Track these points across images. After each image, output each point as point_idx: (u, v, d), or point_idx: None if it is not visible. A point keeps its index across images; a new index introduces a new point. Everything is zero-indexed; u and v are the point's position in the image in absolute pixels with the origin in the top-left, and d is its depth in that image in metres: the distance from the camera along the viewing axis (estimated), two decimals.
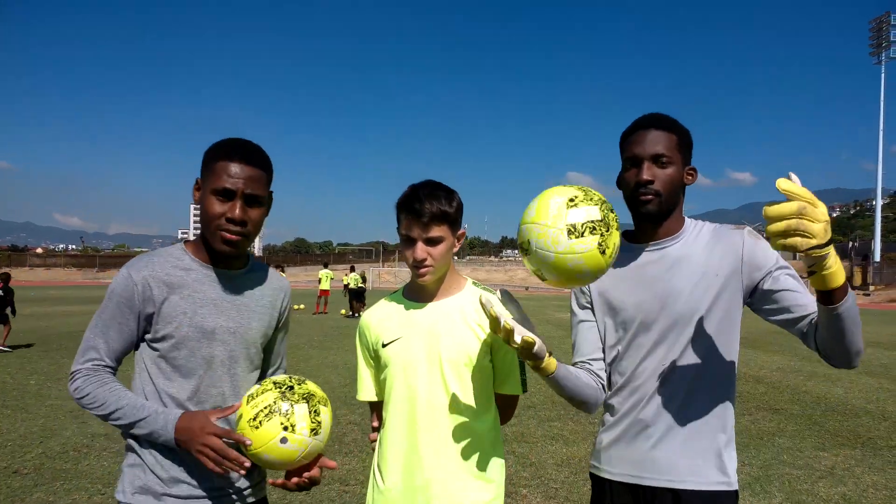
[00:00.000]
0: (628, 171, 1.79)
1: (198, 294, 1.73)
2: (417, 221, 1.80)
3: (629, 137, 1.80)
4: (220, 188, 1.67)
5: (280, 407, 1.58)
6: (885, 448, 5.91)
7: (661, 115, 1.80)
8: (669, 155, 1.74)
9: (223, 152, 1.70)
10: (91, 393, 1.65)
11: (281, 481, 1.75)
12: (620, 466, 1.81)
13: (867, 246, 64.17)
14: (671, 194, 1.76)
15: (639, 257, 1.83)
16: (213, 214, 1.68)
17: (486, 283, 2.04)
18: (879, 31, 66.59)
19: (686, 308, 1.73)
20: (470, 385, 1.87)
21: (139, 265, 1.72)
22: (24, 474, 4.74)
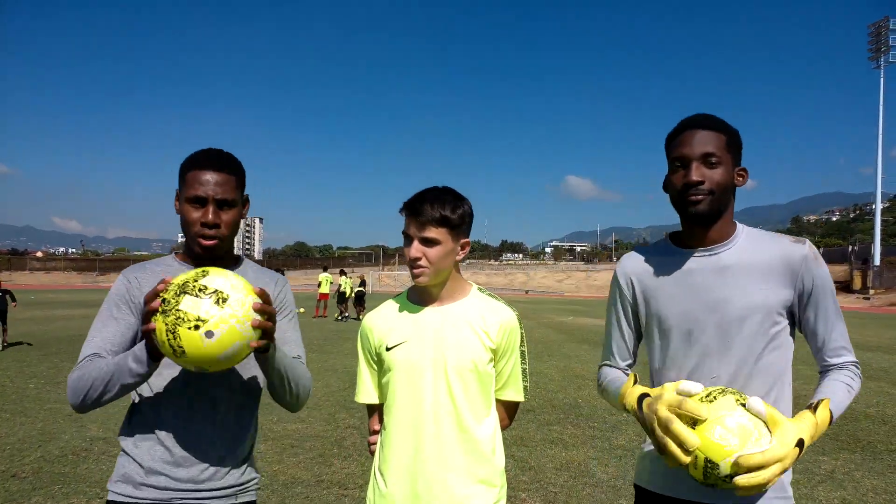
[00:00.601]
0: (676, 173, 1.71)
1: None
2: (415, 220, 1.83)
3: (676, 138, 1.72)
4: (192, 196, 1.76)
5: (185, 312, 1.47)
6: (885, 452, 5.91)
7: (709, 115, 1.73)
8: (719, 155, 1.66)
9: (193, 163, 1.80)
10: (79, 378, 1.65)
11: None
12: (667, 480, 1.73)
13: (867, 249, 64.19)
14: (722, 195, 1.67)
15: (686, 263, 1.74)
16: (190, 221, 1.77)
17: (486, 287, 2.04)
18: (878, 35, 66.72)
19: (736, 317, 1.65)
20: (474, 390, 1.87)
21: (132, 268, 1.87)
22: (22, 478, 4.73)
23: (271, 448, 5.63)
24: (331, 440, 5.95)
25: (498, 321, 1.90)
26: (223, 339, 1.47)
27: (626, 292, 1.86)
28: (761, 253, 1.69)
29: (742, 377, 1.67)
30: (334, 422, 6.67)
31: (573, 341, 15.89)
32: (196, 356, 1.47)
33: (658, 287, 1.77)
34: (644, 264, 1.83)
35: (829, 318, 1.69)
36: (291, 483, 4.75)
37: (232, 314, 1.48)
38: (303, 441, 5.89)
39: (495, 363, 1.92)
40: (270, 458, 5.35)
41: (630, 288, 1.85)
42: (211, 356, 1.48)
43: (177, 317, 1.45)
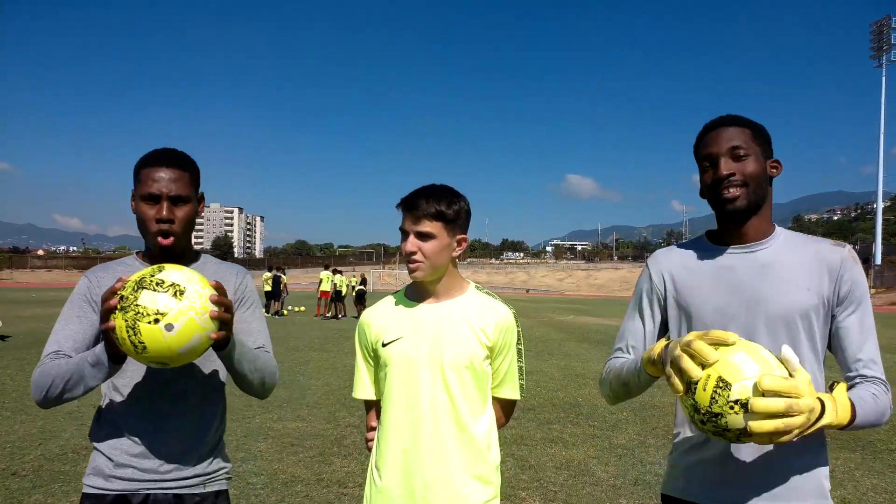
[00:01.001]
0: (706, 173, 1.68)
1: None
2: (411, 215, 1.86)
3: (702, 140, 1.70)
4: (146, 193, 1.80)
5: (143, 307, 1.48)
6: (885, 451, 5.91)
7: (732, 114, 1.71)
8: (745, 147, 1.63)
9: (146, 161, 1.84)
10: (40, 375, 1.68)
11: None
12: (709, 489, 1.65)
13: (868, 249, 64.14)
14: (757, 186, 1.63)
15: (720, 258, 1.70)
16: (146, 218, 1.80)
17: (486, 286, 2.04)
18: (880, 34, 66.64)
19: (775, 317, 1.61)
20: (470, 387, 1.88)
21: (95, 269, 1.92)
22: (22, 476, 4.73)
23: (271, 446, 5.64)
24: (331, 439, 5.95)
25: (495, 319, 1.91)
26: (183, 331, 1.48)
27: (659, 286, 1.79)
28: (801, 254, 1.65)
29: None
30: (334, 420, 6.67)
31: (574, 340, 15.90)
32: (157, 350, 1.48)
33: (694, 283, 1.72)
34: (680, 259, 1.78)
35: (864, 327, 1.64)
36: (291, 481, 4.75)
37: (190, 306, 1.49)
38: (303, 439, 5.90)
39: (492, 361, 1.93)
40: (270, 456, 5.36)
41: (663, 283, 1.79)
42: (172, 349, 1.49)
43: (136, 312, 1.46)
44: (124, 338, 1.48)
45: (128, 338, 1.48)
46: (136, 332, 1.46)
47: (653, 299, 1.81)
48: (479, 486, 1.86)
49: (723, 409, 1.31)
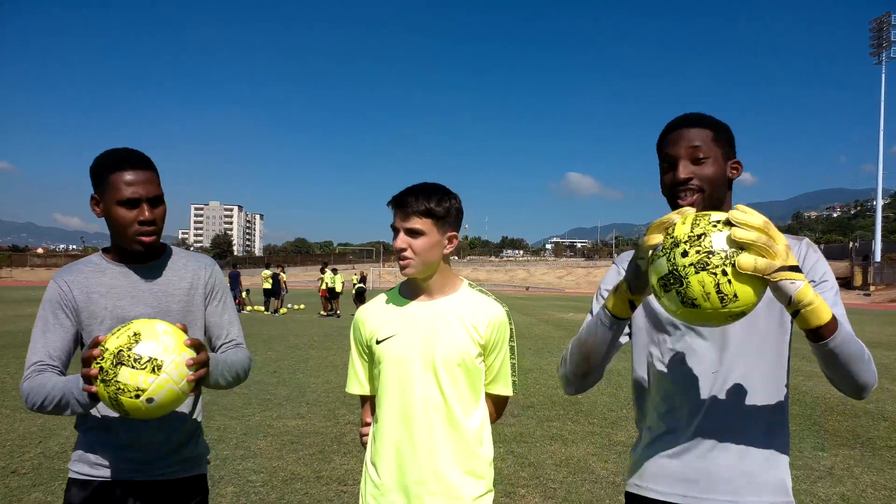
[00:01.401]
0: (666, 174, 1.67)
1: (115, 290, 1.91)
2: (401, 212, 1.87)
3: (663, 139, 1.69)
4: (125, 198, 1.82)
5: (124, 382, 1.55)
6: (885, 448, 5.92)
7: (697, 113, 1.69)
8: (706, 149, 1.61)
9: (114, 165, 1.84)
10: (30, 389, 1.79)
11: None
12: (670, 485, 1.65)
13: (868, 246, 64.16)
14: (713, 191, 1.62)
15: None
16: (125, 223, 1.83)
17: (486, 283, 2.05)
18: (880, 31, 66.59)
19: None
20: (462, 384, 1.90)
21: (61, 273, 1.94)
22: (22, 474, 4.74)
23: (271, 444, 5.64)
24: (330, 436, 5.96)
25: (487, 316, 1.93)
26: (163, 401, 1.58)
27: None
28: None
29: (748, 369, 1.63)
30: (334, 418, 6.68)
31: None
32: (139, 415, 1.59)
33: None
34: None
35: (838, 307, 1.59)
36: (291, 479, 4.75)
37: (168, 379, 1.57)
38: (302, 437, 5.90)
39: (484, 358, 1.95)
40: (270, 454, 5.36)
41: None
42: (152, 414, 1.60)
43: (117, 388, 1.55)
44: (107, 402, 1.59)
45: (110, 404, 1.58)
46: (118, 403, 1.56)
47: None
48: (471, 481, 1.89)
49: (692, 243, 1.26)
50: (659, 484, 1.67)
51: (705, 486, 1.61)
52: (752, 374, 1.62)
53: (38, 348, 1.84)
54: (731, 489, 1.60)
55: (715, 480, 1.60)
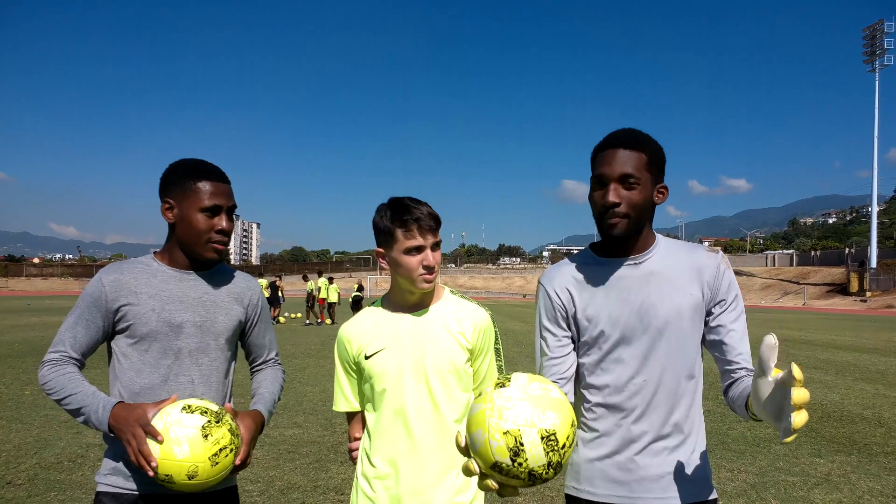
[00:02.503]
0: (596, 191, 1.73)
1: (164, 293, 1.91)
2: (426, 229, 1.85)
3: (598, 156, 1.74)
4: (208, 206, 1.88)
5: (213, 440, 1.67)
6: (881, 454, 5.92)
7: (632, 132, 1.74)
8: (637, 175, 1.68)
9: (199, 173, 1.90)
10: (53, 380, 1.81)
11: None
12: (605, 486, 1.75)
13: (863, 252, 64.37)
14: (639, 216, 1.71)
15: (612, 271, 1.78)
16: (203, 230, 1.88)
17: (483, 291, 2.07)
18: (873, 38, 67.02)
19: (663, 321, 1.71)
20: (453, 391, 1.92)
21: (110, 270, 1.92)
22: (18, 485, 4.71)
23: (268, 453, 5.62)
24: (327, 445, 5.94)
25: (473, 322, 1.95)
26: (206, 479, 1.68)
27: (558, 303, 1.83)
28: (680, 261, 1.76)
29: (673, 375, 1.73)
30: (331, 427, 6.66)
31: None
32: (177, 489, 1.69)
33: (589, 294, 1.79)
34: (573, 274, 1.84)
35: (740, 325, 1.74)
36: (288, 488, 4.74)
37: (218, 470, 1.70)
38: (299, 446, 5.89)
39: (472, 363, 1.97)
40: (267, 463, 5.34)
41: (559, 299, 1.83)
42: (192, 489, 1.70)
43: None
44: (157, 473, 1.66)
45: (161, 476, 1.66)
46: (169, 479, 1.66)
47: (558, 318, 1.83)
48: (464, 487, 1.90)
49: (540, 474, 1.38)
50: (593, 486, 1.77)
51: (635, 487, 1.72)
52: (673, 379, 1.73)
53: (66, 338, 1.87)
54: (659, 487, 1.71)
55: (644, 481, 1.71)
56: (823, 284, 61.30)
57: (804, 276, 66.09)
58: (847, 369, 11.89)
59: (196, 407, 1.69)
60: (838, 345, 16.83)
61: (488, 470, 1.35)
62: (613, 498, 1.74)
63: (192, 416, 1.66)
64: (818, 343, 17.23)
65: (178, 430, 1.63)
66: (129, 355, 1.89)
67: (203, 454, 1.63)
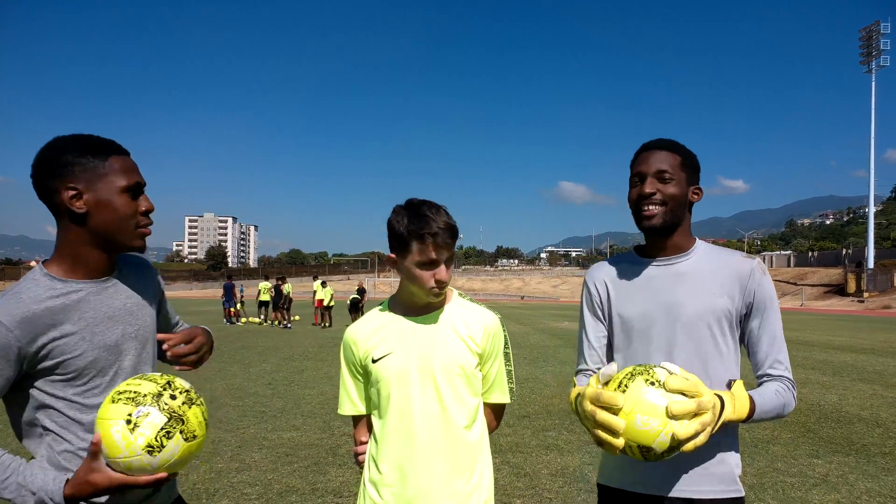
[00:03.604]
0: (634, 188, 1.87)
1: (90, 313, 1.60)
2: (443, 245, 1.79)
3: (636, 158, 1.88)
4: (129, 185, 1.60)
5: (144, 401, 1.44)
6: (879, 455, 5.93)
7: (668, 139, 1.89)
8: (673, 172, 1.82)
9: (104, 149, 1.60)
10: None
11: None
12: (633, 477, 1.85)
13: (860, 253, 64.50)
14: (675, 208, 1.82)
15: (645, 270, 1.91)
16: (129, 213, 1.60)
17: (482, 293, 2.07)
18: (869, 39, 67.20)
19: (688, 318, 1.81)
20: (462, 395, 1.88)
21: (7, 308, 1.49)
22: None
23: (266, 457, 5.62)
24: (325, 448, 5.93)
25: (482, 325, 1.93)
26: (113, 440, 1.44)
27: (595, 296, 1.99)
28: (715, 264, 1.86)
29: (698, 372, 1.77)
30: (329, 430, 6.65)
31: (569, 347, 15.88)
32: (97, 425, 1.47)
33: (623, 291, 1.94)
34: (612, 271, 2.00)
35: (770, 331, 1.82)
36: (286, 492, 4.73)
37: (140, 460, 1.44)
38: (297, 449, 5.88)
39: (481, 367, 1.94)
40: (265, 466, 5.34)
41: (598, 293, 1.99)
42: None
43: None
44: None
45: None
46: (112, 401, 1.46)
47: (595, 310, 2.00)
48: (473, 493, 1.88)
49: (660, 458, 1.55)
50: (624, 476, 1.88)
51: (665, 479, 1.80)
52: (700, 375, 1.77)
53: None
54: (687, 481, 1.80)
55: (673, 474, 1.80)
56: (821, 285, 61.41)
57: (801, 277, 66.20)
58: (844, 370, 11.91)
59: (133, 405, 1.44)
60: (835, 345, 16.86)
61: (632, 441, 1.52)
62: (641, 487, 1.83)
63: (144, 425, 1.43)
64: (815, 344, 17.26)
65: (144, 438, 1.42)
66: (66, 396, 1.57)
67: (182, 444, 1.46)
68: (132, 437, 1.41)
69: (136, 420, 1.42)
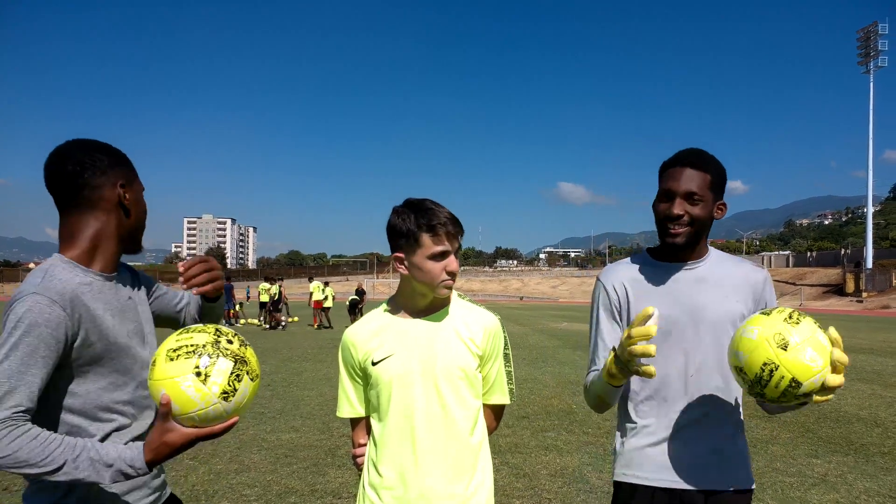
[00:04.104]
0: (662, 203, 1.89)
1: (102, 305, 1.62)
2: (453, 235, 1.82)
3: (667, 171, 1.90)
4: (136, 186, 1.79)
5: (206, 351, 1.45)
6: (878, 454, 5.93)
7: (700, 153, 1.90)
8: (701, 194, 1.84)
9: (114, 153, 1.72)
10: (22, 449, 1.37)
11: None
12: (653, 471, 1.90)
13: (859, 253, 64.55)
14: (699, 229, 1.88)
15: (667, 273, 1.95)
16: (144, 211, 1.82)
17: (480, 294, 2.07)
18: (867, 40, 67.26)
19: (711, 320, 1.87)
20: (464, 397, 1.88)
21: (51, 286, 1.50)
22: (14, 491, 4.70)
23: (265, 458, 5.61)
24: (324, 449, 5.93)
25: (482, 327, 1.92)
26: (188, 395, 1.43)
27: (614, 297, 2.00)
28: (729, 272, 1.95)
29: (708, 373, 1.89)
30: (328, 431, 6.65)
31: (568, 347, 15.89)
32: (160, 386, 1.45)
33: (644, 292, 1.95)
34: (631, 273, 2.01)
35: None
36: (285, 493, 4.73)
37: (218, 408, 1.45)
38: (296, 451, 5.88)
39: (481, 368, 1.93)
40: (264, 467, 5.33)
41: (616, 294, 2.00)
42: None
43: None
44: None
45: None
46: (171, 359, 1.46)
47: (611, 310, 2.01)
48: (474, 494, 1.87)
49: (790, 400, 1.57)
50: (642, 471, 1.92)
51: (681, 472, 1.87)
52: (718, 375, 1.88)
53: (18, 386, 1.41)
54: (705, 477, 1.86)
55: (691, 468, 1.86)
56: (819, 285, 61.43)
57: (800, 278, 66.22)
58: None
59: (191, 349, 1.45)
60: None
61: (790, 371, 1.53)
62: (660, 482, 1.88)
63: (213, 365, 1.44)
64: None
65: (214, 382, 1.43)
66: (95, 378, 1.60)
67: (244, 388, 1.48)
68: (206, 387, 1.42)
69: (206, 370, 1.43)
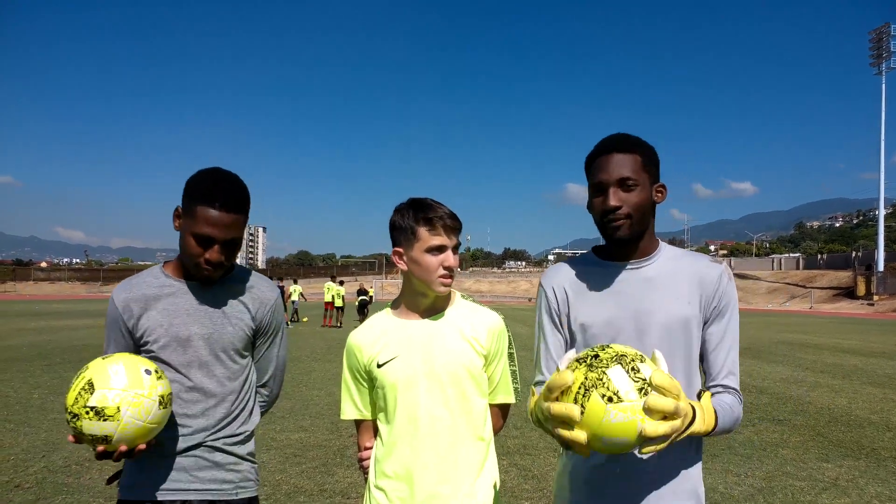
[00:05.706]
0: (596, 198, 1.74)
1: (172, 307, 1.93)
2: (451, 229, 1.85)
3: (593, 163, 1.75)
4: (200, 234, 1.82)
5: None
6: (889, 459, 5.88)
7: (623, 136, 1.75)
8: (636, 178, 1.68)
9: (205, 196, 1.81)
10: None
11: None
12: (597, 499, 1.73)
13: (870, 256, 64.05)
14: (641, 217, 1.71)
15: (612, 275, 1.78)
16: (193, 254, 1.86)
17: (489, 295, 2.07)
18: (879, 41, 66.73)
19: (658, 327, 1.70)
20: (469, 397, 1.88)
21: (119, 290, 1.98)
22: (26, 488, 4.74)
23: (274, 457, 5.63)
24: (333, 449, 5.95)
25: (486, 326, 1.93)
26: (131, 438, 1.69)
27: (553, 302, 1.84)
28: (681, 269, 1.75)
29: None
30: (337, 431, 6.66)
31: None
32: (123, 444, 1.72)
33: (586, 296, 1.79)
34: (572, 275, 1.85)
35: (729, 339, 1.73)
36: (294, 492, 4.75)
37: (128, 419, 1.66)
38: (305, 450, 5.90)
39: (486, 368, 1.93)
40: (273, 467, 5.35)
41: (556, 298, 1.84)
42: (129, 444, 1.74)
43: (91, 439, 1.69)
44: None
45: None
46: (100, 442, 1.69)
47: (553, 316, 1.84)
48: (480, 494, 1.87)
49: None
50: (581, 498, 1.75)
51: (629, 497, 1.69)
52: None
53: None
54: (652, 498, 1.68)
55: (637, 491, 1.69)
56: (830, 288, 61.00)
57: (811, 280, 65.78)
58: (854, 373, 11.82)
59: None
60: (845, 349, 16.75)
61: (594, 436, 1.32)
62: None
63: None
64: (825, 347, 17.15)
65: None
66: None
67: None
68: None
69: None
